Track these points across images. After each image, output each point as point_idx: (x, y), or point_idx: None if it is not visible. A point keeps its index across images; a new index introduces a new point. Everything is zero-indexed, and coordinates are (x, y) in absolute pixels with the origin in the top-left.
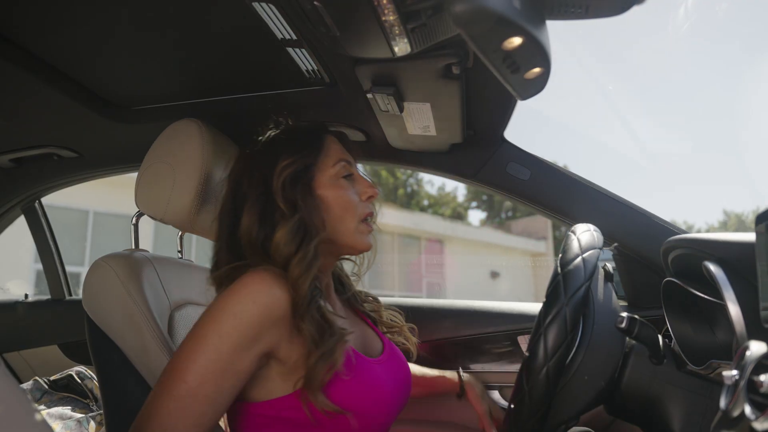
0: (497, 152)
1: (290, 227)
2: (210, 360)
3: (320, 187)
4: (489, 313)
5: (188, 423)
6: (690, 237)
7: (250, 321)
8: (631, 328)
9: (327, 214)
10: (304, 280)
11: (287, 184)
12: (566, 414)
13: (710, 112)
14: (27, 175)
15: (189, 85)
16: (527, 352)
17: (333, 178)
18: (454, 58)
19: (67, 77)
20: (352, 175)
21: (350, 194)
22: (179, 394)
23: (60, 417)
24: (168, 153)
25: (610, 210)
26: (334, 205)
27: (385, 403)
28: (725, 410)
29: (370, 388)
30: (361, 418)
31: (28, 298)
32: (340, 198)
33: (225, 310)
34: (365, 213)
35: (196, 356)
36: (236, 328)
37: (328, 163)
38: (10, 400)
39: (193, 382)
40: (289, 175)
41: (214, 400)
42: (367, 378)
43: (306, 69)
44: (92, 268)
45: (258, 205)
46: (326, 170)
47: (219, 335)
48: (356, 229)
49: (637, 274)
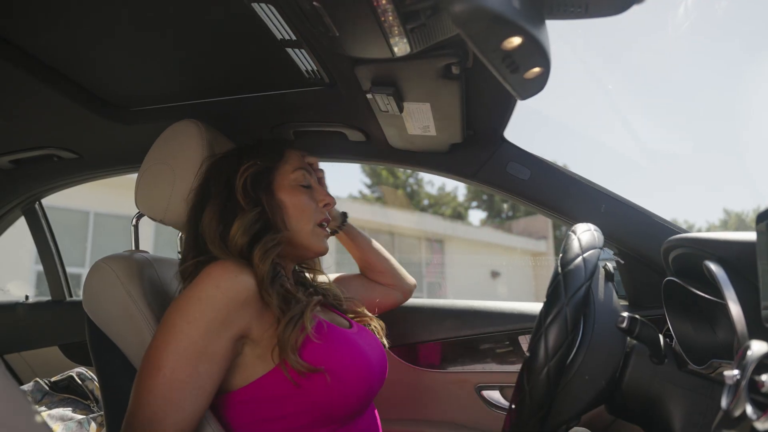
0: (497, 152)
1: (248, 219)
2: (181, 346)
3: (279, 190)
4: (490, 313)
5: (170, 410)
6: (691, 236)
7: (215, 305)
8: (632, 327)
9: (285, 216)
10: (264, 262)
11: (248, 183)
12: (567, 414)
13: (710, 112)
14: (27, 176)
15: (188, 85)
16: (528, 352)
17: (291, 183)
18: (453, 58)
19: (67, 78)
20: (310, 186)
21: (307, 199)
22: (156, 384)
23: (61, 418)
24: (168, 154)
25: (611, 209)
26: (290, 207)
27: (365, 365)
28: (726, 410)
29: (344, 347)
30: (338, 379)
31: (29, 299)
32: (297, 201)
33: (190, 297)
34: (321, 218)
35: (166, 345)
36: (203, 313)
37: (288, 170)
38: (9, 402)
39: (167, 369)
40: (250, 175)
41: (192, 385)
42: (339, 340)
43: (305, 69)
44: (92, 269)
45: (219, 202)
46: (286, 175)
47: (187, 321)
48: (312, 231)
49: (637, 273)
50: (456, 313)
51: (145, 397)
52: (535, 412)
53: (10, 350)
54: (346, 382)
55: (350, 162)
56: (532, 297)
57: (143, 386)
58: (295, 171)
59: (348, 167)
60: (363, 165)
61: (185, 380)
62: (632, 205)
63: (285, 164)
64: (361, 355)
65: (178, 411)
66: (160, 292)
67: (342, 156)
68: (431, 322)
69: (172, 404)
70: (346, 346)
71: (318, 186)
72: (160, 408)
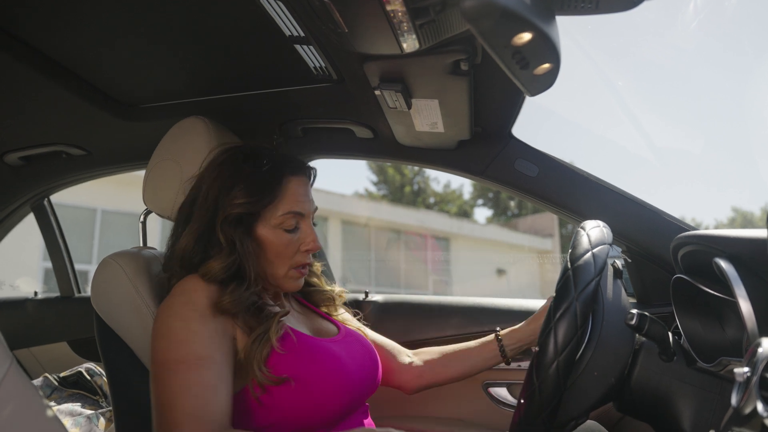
0: (505, 149)
1: (225, 263)
2: (190, 336)
3: (261, 229)
4: (497, 310)
5: (208, 395)
6: (700, 233)
7: (200, 302)
8: (641, 324)
9: (261, 256)
10: (234, 305)
11: (231, 221)
12: (576, 410)
13: (720, 109)
14: (36, 173)
15: (196, 82)
16: (537, 347)
17: (275, 227)
18: (462, 54)
19: (76, 75)
20: (297, 228)
21: (287, 245)
22: (186, 377)
23: (70, 413)
24: (175, 151)
25: (619, 207)
26: (268, 250)
27: (340, 372)
28: (737, 407)
29: (315, 356)
30: (307, 388)
31: (37, 295)
32: (276, 246)
33: (174, 302)
34: (299, 263)
35: (177, 343)
36: (192, 308)
37: (276, 212)
38: (23, 397)
39: (190, 358)
40: (235, 215)
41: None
42: (310, 350)
43: (314, 66)
44: (101, 265)
45: (202, 226)
46: (272, 218)
47: (181, 319)
48: (285, 275)
49: (646, 270)
50: (463, 311)
51: (178, 395)
52: (544, 407)
53: (19, 346)
54: (318, 391)
55: (358, 159)
56: (538, 295)
57: (173, 386)
58: (283, 215)
59: (354, 164)
60: (369, 162)
61: (207, 362)
62: (641, 203)
63: (277, 205)
64: (334, 362)
65: (215, 393)
66: (167, 289)
67: (349, 153)
68: (438, 319)
69: (209, 388)
70: (318, 354)
71: (307, 229)
72: (200, 395)
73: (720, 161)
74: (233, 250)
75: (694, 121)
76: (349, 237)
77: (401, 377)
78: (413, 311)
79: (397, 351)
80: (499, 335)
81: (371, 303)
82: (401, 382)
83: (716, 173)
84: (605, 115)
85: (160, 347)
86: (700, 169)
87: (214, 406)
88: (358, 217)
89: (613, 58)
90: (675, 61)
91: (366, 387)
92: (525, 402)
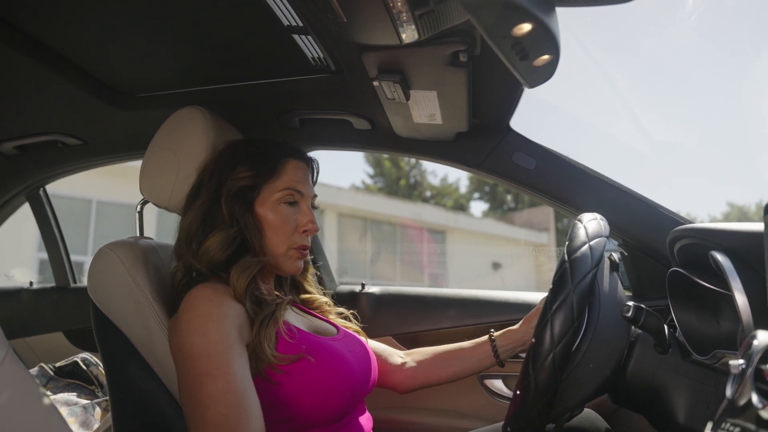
0: (503, 141)
1: (226, 236)
2: (211, 348)
3: (260, 206)
4: (493, 302)
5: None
6: (697, 227)
7: (215, 310)
8: (637, 317)
9: (261, 233)
10: (240, 282)
11: (233, 194)
12: (571, 401)
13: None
14: (31, 162)
15: (194, 72)
16: (534, 338)
17: (275, 203)
18: (461, 46)
19: (72, 64)
20: (297, 204)
21: (285, 222)
22: (214, 389)
23: (66, 403)
24: (172, 141)
25: (616, 200)
26: (267, 227)
27: (344, 370)
28: (731, 399)
29: (318, 352)
30: (317, 366)
31: (33, 285)
32: (274, 222)
33: (190, 317)
34: (298, 244)
35: (199, 356)
36: (210, 317)
37: (277, 187)
38: (20, 385)
39: (214, 371)
40: (237, 188)
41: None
42: (312, 346)
43: (312, 56)
44: (97, 255)
45: (206, 205)
46: (272, 193)
47: (200, 334)
48: (285, 254)
49: (642, 264)
50: (459, 303)
51: (210, 407)
52: (539, 398)
53: (14, 336)
54: (324, 385)
55: (355, 150)
56: (533, 289)
57: (202, 399)
58: (283, 190)
59: (351, 157)
60: (366, 154)
61: (235, 371)
62: (638, 196)
63: (276, 180)
64: (337, 358)
65: (246, 400)
66: (164, 278)
67: (347, 144)
68: (435, 311)
69: (239, 396)
70: (321, 350)
71: (306, 209)
72: (231, 406)
73: (716, 156)
74: (234, 224)
75: (691, 117)
76: (346, 230)
77: (394, 378)
78: (409, 303)
79: (389, 353)
80: (492, 336)
81: (367, 295)
82: (394, 383)
83: (712, 168)
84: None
85: (185, 366)
86: (696, 164)
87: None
88: (354, 209)
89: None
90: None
91: (365, 385)
92: (521, 393)
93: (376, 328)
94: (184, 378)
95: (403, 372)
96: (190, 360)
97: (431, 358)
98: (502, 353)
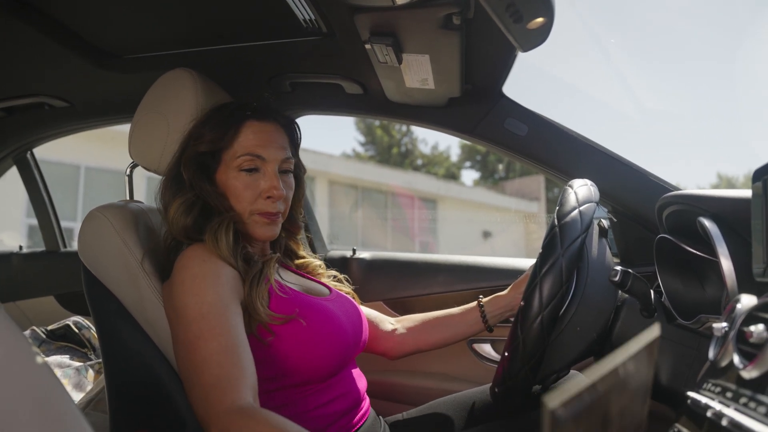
0: (495, 107)
1: (183, 200)
2: (204, 309)
3: (220, 173)
4: (483, 268)
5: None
6: (685, 193)
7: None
8: (624, 281)
9: (224, 197)
10: (217, 244)
11: (191, 159)
12: (558, 364)
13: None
14: (18, 125)
15: (183, 33)
16: (522, 302)
17: (233, 169)
18: (455, 8)
19: (59, 24)
20: (258, 170)
21: (245, 189)
22: (207, 351)
23: (59, 365)
24: (161, 103)
25: (607, 167)
26: (228, 193)
27: (336, 328)
28: (714, 360)
29: (311, 310)
30: (309, 326)
31: (23, 249)
32: (234, 189)
33: (184, 277)
34: (260, 209)
35: (192, 318)
36: (202, 270)
37: (236, 153)
38: (10, 343)
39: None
40: (194, 153)
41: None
42: (305, 304)
43: (303, 18)
44: (87, 218)
45: (173, 171)
46: (231, 160)
47: (193, 294)
48: (249, 219)
49: (630, 231)
50: (450, 268)
51: (205, 370)
52: (527, 360)
53: (5, 299)
54: (316, 342)
55: (347, 115)
56: (523, 257)
57: (197, 362)
58: (241, 156)
59: (343, 125)
60: (358, 122)
61: (228, 331)
62: (628, 163)
63: (236, 146)
64: (329, 316)
65: (239, 359)
66: (155, 241)
67: (339, 109)
68: (425, 276)
69: (233, 356)
70: (313, 308)
71: (270, 173)
72: (224, 365)
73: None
74: (191, 188)
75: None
76: (337, 197)
77: (385, 344)
78: (400, 268)
79: (380, 319)
80: (481, 302)
81: (358, 260)
82: (385, 348)
83: (702, 139)
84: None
85: (179, 326)
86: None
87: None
88: (345, 177)
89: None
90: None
91: (356, 344)
92: (509, 355)
93: (367, 292)
94: (179, 341)
95: (393, 338)
96: (184, 322)
97: (421, 325)
98: (490, 318)
